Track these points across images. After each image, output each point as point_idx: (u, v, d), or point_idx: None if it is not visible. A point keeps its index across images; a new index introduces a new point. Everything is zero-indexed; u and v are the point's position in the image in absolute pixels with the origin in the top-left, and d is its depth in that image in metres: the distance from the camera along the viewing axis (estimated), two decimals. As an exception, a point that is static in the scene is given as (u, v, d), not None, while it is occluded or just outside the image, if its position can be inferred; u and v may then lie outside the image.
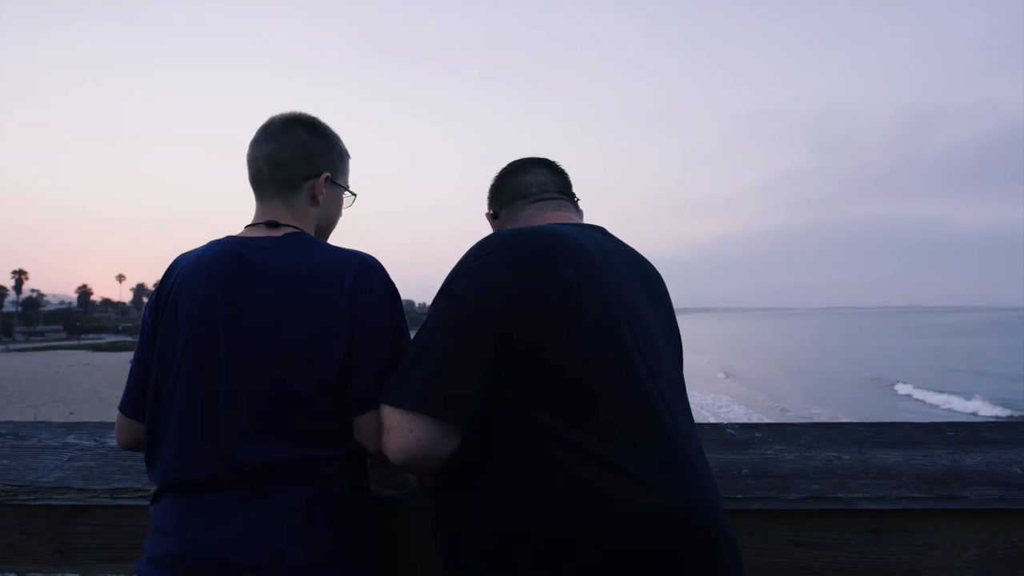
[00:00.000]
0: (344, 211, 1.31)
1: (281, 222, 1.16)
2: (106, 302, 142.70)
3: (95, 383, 32.62)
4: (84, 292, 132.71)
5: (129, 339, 78.07)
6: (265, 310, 1.05)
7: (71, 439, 1.44)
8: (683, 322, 1.23)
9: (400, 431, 0.93)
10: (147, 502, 1.26)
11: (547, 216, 1.23)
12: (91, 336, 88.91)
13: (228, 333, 1.05)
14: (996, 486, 1.29)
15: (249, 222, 1.20)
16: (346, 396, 1.08)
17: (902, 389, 27.03)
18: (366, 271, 1.11)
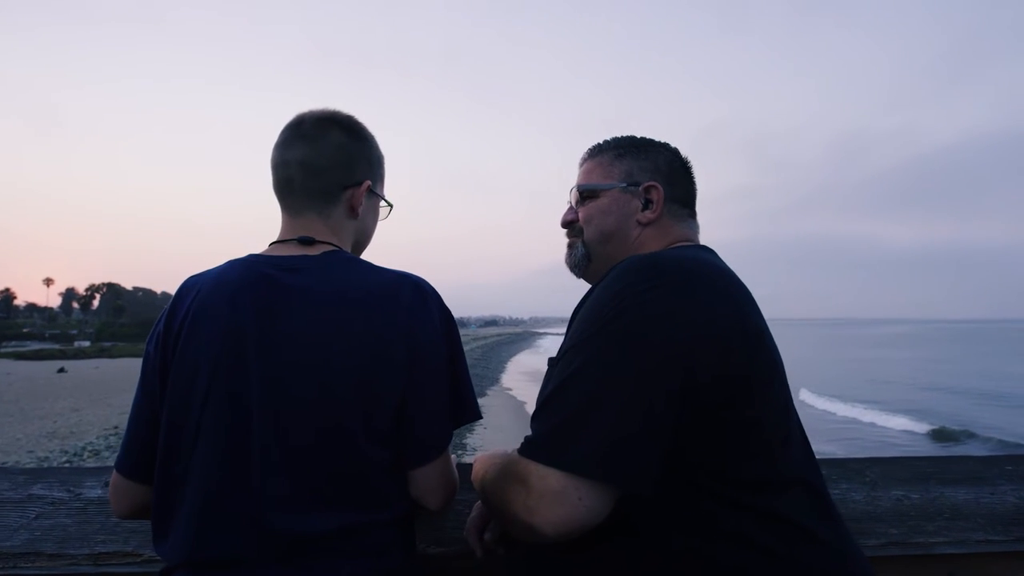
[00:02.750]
0: (379, 224, 1.14)
1: (317, 238, 0.98)
2: (31, 307, 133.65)
3: (16, 395, 30.30)
4: (6, 296, 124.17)
5: (56, 347, 73.19)
6: (307, 344, 0.87)
7: (38, 490, 1.20)
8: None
9: (565, 499, 0.73)
10: (140, 569, 1.05)
11: (696, 239, 1.08)
12: (13, 344, 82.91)
13: (261, 372, 0.86)
14: (1070, 526, 1.24)
15: (275, 238, 1.01)
16: (401, 445, 0.92)
17: (803, 396, 27.85)
18: (421, 296, 0.95)
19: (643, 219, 1.05)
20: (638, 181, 1.06)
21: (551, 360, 1.04)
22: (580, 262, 1.10)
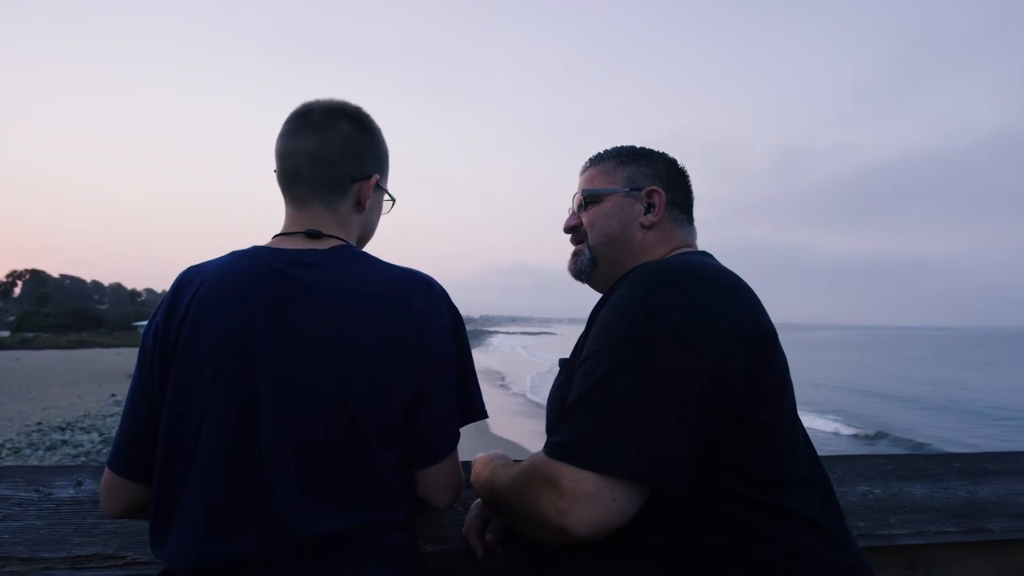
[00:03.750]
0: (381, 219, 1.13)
1: (324, 231, 0.97)
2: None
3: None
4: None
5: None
6: (320, 341, 0.86)
7: (2, 490, 1.13)
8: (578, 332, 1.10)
9: (599, 500, 0.74)
10: (123, 573, 1.01)
11: (695, 243, 1.10)
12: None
13: (272, 369, 0.84)
14: (1012, 518, 1.36)
15: (279, 230, 0.99)
16: (412, 445, 0.92)
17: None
18: (432, 295, 0.94)
19: (646, 222, 1.07)
20: (640, 186, 1.08)
21: (563, 361, 1.06)
22: (586, 267, 1.10)
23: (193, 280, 0.91)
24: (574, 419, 0.80)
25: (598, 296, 1.00)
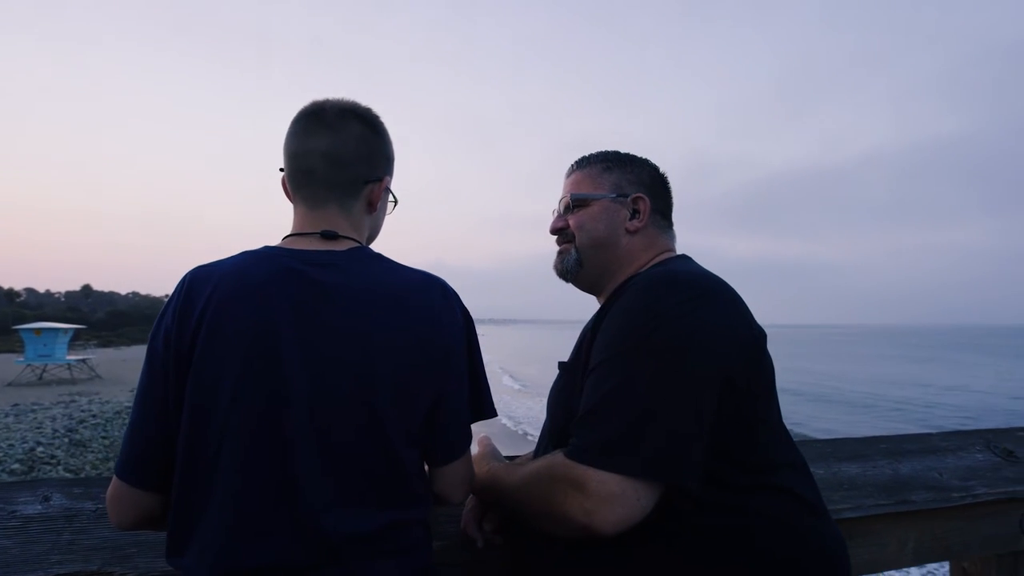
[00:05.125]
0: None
1: (339, 232, 0.96)
2: None
3: None
4: None
5: None
6: (347, 342, 0.86)
7: (-45, 510, 1.02)
8: (508, 332, 1.17)
9: (625, 501, 0.81)
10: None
11: (675, 248, 1.17)
12: None
13: (299, 370, 0.84)
14: (929, 490, 1.56)
15: (289, 231, 0.97)
16: (431, 443, 0.94)
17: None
18: (447, 297, 0.97)
19: (631, 228, 1.13)
20: (627, 192, 1.14)
21: (562, 364, 1.11)
22: (572, 267, 1.15)
23: (206, 281, 0.88)
24: (595, 424, 0.85)
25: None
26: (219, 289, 0.86)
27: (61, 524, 1.02)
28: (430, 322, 0.92)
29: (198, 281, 0.88)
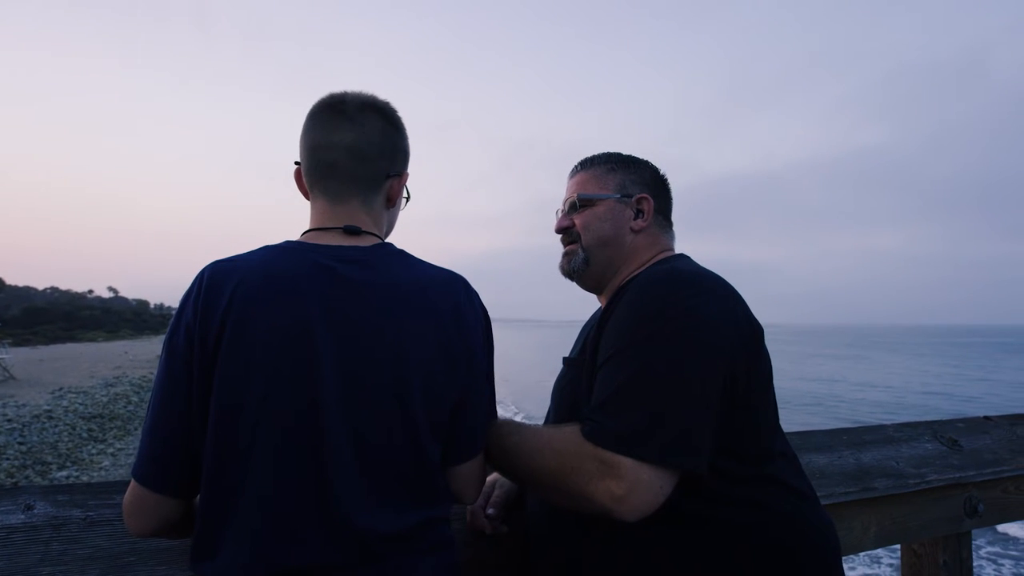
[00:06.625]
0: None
1: (362, 228, 0.95)
2: None
3: None
4: None
5: None
6: (381, 340, 0.85)
7: (-72, 521, 0.94)
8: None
9: (651, 488, 0.85)
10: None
11: (675, 247, 1.21)
12: None
13: (333, 368, 0.82)
14: (888, 477, 1.67)
15: (309, 226, 0.95)
16: (453, 442, 0.94)
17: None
18: (470, 294, 0.97)
19: (635, 227, 1.17)
20: (631, 193, 1.18)
21: (567, 359, 1.13)
22: (579, 266, 1.18)
23: (229, 275, 0.84)
24: (615, 412, 0.88)
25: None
26: (244, 284, 0.83)
27: (48, 533, 0.96)
28: (456, 321, 0.92)
29: (219, 275, 0.85)
